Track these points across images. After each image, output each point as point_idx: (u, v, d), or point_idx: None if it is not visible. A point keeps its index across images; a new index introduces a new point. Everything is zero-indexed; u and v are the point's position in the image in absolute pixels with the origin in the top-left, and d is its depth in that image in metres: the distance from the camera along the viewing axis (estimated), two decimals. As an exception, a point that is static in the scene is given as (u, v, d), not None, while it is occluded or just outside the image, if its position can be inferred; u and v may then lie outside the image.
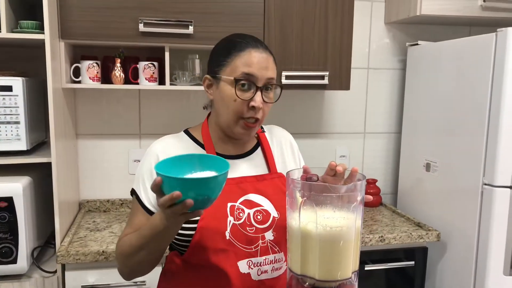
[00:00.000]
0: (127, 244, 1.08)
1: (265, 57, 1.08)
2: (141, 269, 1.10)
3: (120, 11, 1.75)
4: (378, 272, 1.97)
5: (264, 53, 1.08)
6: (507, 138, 1.71)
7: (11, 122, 1.62)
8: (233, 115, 1.08)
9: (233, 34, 1.15)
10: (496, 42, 1.72)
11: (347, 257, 0.88)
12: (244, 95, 1.06)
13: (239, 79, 1.05)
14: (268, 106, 1.11)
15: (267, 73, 1.07)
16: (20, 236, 1.57)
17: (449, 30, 2.43)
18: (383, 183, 2.50)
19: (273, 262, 1.11)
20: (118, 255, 1.12)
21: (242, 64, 1.06)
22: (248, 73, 1.06)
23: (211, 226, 1.07)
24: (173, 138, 1.18)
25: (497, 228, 1.76)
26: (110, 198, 2.19)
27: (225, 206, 1.09)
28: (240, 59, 1.07)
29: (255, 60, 1.06)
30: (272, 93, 1.11)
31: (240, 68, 1.06)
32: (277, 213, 1.12)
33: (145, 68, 1.87)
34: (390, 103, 2.47)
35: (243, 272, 1.08)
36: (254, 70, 1.06)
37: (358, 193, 0.88)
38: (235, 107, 1.07)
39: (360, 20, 2.34)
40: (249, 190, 1.13)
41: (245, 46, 1.08)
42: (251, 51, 1.07)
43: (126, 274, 1.13)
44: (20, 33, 1.61)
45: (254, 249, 1.09)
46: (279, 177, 1.18)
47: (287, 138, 1.30)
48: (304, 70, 1.94)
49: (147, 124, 2.19)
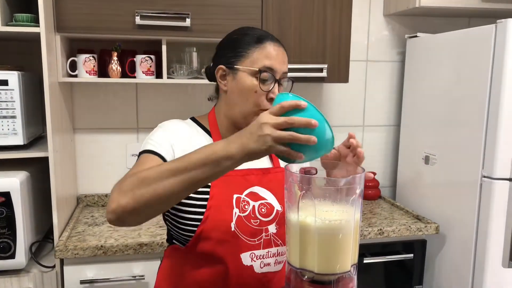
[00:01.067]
0: (152, 170, 0.90)
1: (282, 51, 1.11)
2: (154, 205, 0.89)
3: (116, 4, 1.73)
4: (376, 265, 1.97)
5: (281, 47, 1.12)
6: (506, 130, 1.71)
7: (7, 116, 1.61)
8: (252, 106, 1.09)
9: (247, 27, 1.16)
10: (495, 33, 1.70)
11: (346, 250, 0.87)
12: (265, 87, 1.08)
13: (263, 71, 1.07)
14: None
15: (283, 67, 1.10)
16: (18, 231, 1.57)
17: (448, 22, 2.41)
18: (382, 176, 2.49)
19: (276, 255, 1.12)
20: (127, 184, 0.90)
21: (263, 56, 1.08)
22: (269, 66, 1.08)
23: (217, 217, 1.07)
24: (181, 121, 1.17)
25: (496, 220, 1.76)
26: (108, 192, 2.18)
27: (231, 198, 1.09)
28: (261, 51, 1.08)
29: (275, 53, 1.09)
30: (286, 86, 1.14)
31: (262, 61, 1.08)
32: (280, 206, 1.13)
33: (142, 62, 1.86)
34: (389, 96, 2.46)
35: (246, 265, 1.08)
36: (274, 63, 1.08)
37: (357, 186, 0.87)
38: (255, 98, 1.08)
39: (359, 12, 2.33)
40: (254, 182, 1.13)
41: (265, 39, 1.10)
42: (271, 44, 1.10)
43: (128, 210, 0.89)
44: (15, 26, 1.59)
45: (257, 241, 1.09)
46: (282, 172, 1.18)
47: None
48: (302, 63, 1.93)
49: (145, 118, 2.18)
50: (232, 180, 1.11)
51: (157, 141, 1.08)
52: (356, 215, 0.88)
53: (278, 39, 1.14)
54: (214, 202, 1.07)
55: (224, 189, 1.09)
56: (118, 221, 0.92)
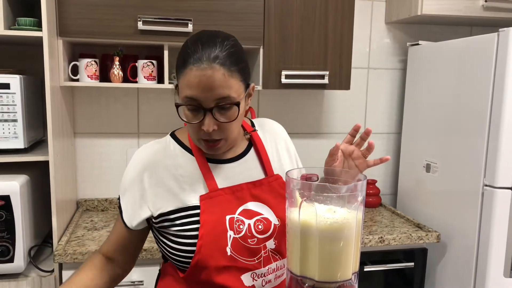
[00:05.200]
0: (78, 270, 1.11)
1: (208, 74, 0.91)
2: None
3: (119, 9, 1.74)
4: (377, 273, 1.96)
5: (208, 70, 0.91)
6: (508, 139, 1.70)
7: (8, 120, 1.61)
8: (193, 135, 1.02)
9: (197, 33, 1.01)
10: (497, 42, 1.71)
11: (347, 257, 0.87)
12: (194, 119, 0.96)
13: (180, 105, 0.96)
14: (232, 124, 0.98)
15: (213, 94, 0.92)
16: (17, 235, 1.56)
17: (450, 30, 2.42)
18: (383, 184, 2.49)
19: (275, 270, 1.07)
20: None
21: (185, 85, 0.94)
22: (191, 96, 0.93)
23: (211, 245, 1.00)
24: (159, 144, 1.11)
25: (498, 229, 1.75)
26: (108, 197, 2.18)
27: (224, 220, 1.01)
28: (183, 78, 0.94)
29: (196, 80, 0.92)
30: (231, 111, 0.96)
31: (184, 90, 0.94)
32: (278, 220, 1.06)
33: (144, 67, 1.86)
34: (390, 103, 2.46)
35: (248, 286, 1.03)
36: (195, 92, 0.92)
37: (358, 193, 0.86)
38: (192, 129, 1.00)
39: (361, 19, 2.33)
40: (246, 198, 1.05)
41: (187, 61, 0.93)
42: (192, 68, 0.92)
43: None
44: (18, 30, 1.59)
45: (257, 260, 1.03)
46: (276, 180, 1.11)
47: (279, 132, 1.21)
48: (304, 70, 1.93)
49: (146, 123, 2.18)
50: (222, 200, 1.03)
51: (123, 190, 1.08)
52: (358, 222, 0.87)
53: (215, 55, 0.92)
54: (206, 230, 0.99)
55: (214, 213, 1.01)
56: None
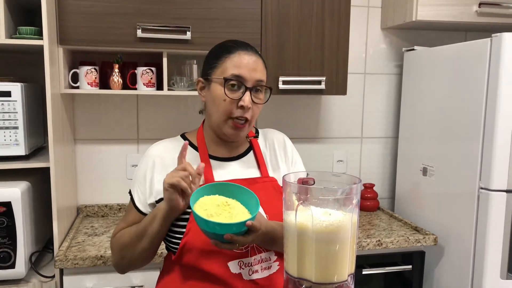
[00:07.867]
0: (126, 235, 1.14)
1: (254, 59, 1.13)
2: (140, 259, 1.15)
3: (118, 17, 1.76)
4: (375, 276, 1.98)
5: (253, 56, 1.13)
6: (502, 142, 1.73)
7: (9, 127, 1.63)
8: (222, 114, 1.12)
9: (226, 40, 1.19)
10: (491, 47, 1.73)
11: (343, 259, 0.89)
12: (233, 95, 1.10)
13: (228, 79, 1.10)
14: (258, 107, 1.14)
15: (256, 74, 1.11)
16: (18, 241, 1.58)
17: (445, 35, 2.45)
18: (381, 188, 2.50)
19: (261, 262, 1.13)
20: (115, 247, 1.18)
21: (232, 65, 1.11)
22: (238, 74, 1.10)
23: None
24: (169, 142, 1.22)
25: (494, 232, 1.77)
26: (108, 203, 2.20)
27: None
28: (230, 61, 1.11)
29: (244, 62, 1.11)
30: (262, 95, 1.15)
31: (230, 70, 1.10)
32: (266, 215, 1.13)
33: (143, 74, 1.88)
34: (386, 108, 2.48)
35: (234, 273, 1.09)
36: (243, 71, 1.10)
37: (353, 196, 0.89)
38: (225, 106, 1.11)
39: (357, 25, 2.36)
40: None
41: (235, 49, 1.13)
42: (240, 53, 1.12)
43: (125, 266, 1.19)
44: (19, 39, 1.62)
45: (244, 249, 1.10)
46: (271, 181, 1.20)
47: (280, 139, 1.31)
48: (301, 75, 1.95)
49: (145, 129, 2.20)
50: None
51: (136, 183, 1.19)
52: (353, 224, 0.89)
53: (254, 48, 1.16)
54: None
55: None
56: (121, 273, 1.23)
